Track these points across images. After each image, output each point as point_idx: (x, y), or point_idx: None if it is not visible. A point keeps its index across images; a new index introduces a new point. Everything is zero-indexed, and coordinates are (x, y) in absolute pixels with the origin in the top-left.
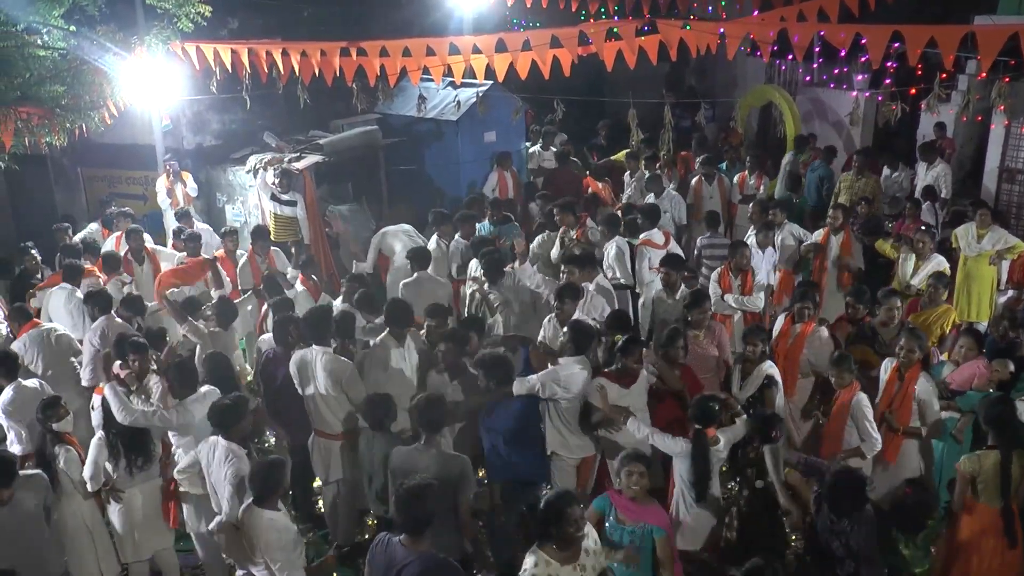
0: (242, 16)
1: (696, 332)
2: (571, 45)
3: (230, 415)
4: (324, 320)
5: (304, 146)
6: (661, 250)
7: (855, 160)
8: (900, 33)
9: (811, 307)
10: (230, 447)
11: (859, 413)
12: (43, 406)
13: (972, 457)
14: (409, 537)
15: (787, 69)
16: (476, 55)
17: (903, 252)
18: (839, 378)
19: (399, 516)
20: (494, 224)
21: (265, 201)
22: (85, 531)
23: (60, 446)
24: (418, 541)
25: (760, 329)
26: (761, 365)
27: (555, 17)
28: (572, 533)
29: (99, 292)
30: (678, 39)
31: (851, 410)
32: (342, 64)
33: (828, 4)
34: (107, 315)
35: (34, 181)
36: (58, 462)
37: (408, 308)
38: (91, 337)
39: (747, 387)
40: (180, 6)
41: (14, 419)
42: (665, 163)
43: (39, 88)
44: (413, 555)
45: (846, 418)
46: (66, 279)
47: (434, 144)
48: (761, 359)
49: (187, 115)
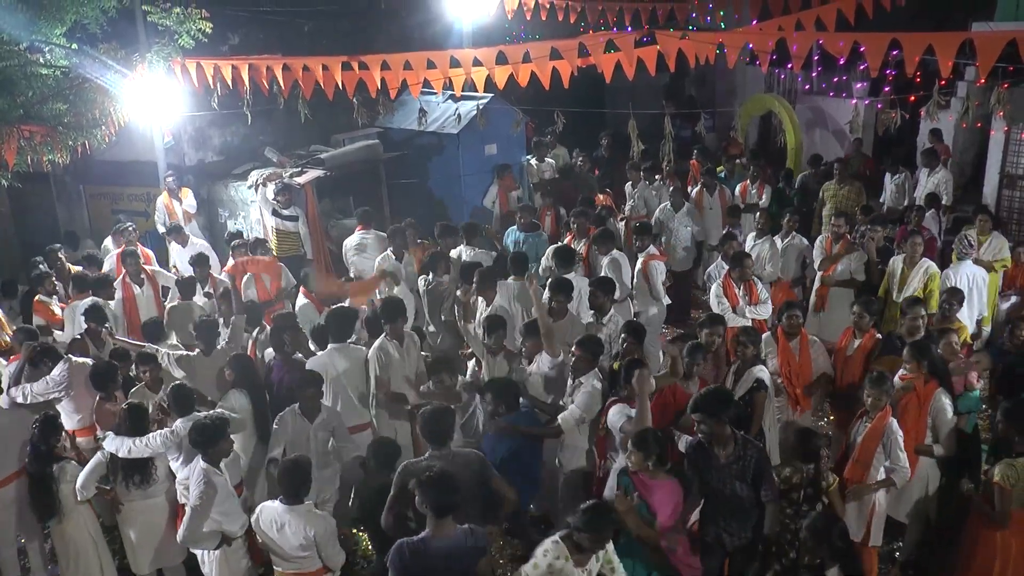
0: (243, 32)
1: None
2: (570, 57)
3: (208, 434)
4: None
5: (305, 161)
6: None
7: (836, 168)
8: (898, 41)
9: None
10: (204, 469)
11: (892, 440)
12: (50, 427)
13: (1008, 467)
14: (437, 523)
15: (786, 78)
16: (477, 67)
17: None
18: (876, 400)
19: (427, 500)
20: (523, 231)
21: (267, 216)
22: (91, 542)
23: (57, 464)
24: (443, 525)
25: (753, 331)
26: (752, 368)
27: (554, 29)
28: (594, 547)
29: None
30: (676, 49)
31: (883, 435)
32: (343, 78)
33: (826, 13)
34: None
35: (37, 199)
36: (60, 480)
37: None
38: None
39: (738, 389)
40: (181, 23)
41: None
42: (667, 174)
43: (42, 106)
44: (443, 538)
45: (879, 443)
46: (95, 292)
47: (435, 157)
48: (753, 362)
49: (189, 131)
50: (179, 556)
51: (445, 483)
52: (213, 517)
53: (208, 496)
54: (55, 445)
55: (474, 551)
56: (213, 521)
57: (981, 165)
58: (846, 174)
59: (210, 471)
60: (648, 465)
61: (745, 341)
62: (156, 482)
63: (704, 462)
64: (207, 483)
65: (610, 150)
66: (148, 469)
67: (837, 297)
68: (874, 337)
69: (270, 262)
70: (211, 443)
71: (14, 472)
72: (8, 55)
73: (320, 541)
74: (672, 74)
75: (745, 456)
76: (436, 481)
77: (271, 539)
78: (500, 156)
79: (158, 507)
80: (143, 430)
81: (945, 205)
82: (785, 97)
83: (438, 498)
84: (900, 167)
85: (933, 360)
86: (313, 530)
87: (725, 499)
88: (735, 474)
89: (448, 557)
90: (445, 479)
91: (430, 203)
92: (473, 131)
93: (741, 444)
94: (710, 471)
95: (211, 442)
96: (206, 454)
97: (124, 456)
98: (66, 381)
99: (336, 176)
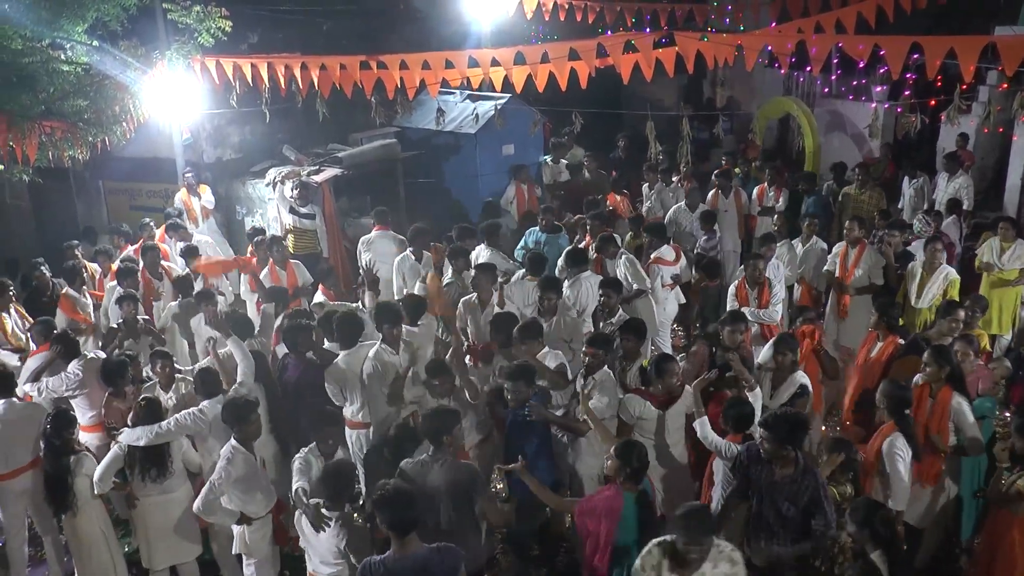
0: (262, 30)
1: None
2: (589, 57)
3: (240, 412)
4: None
5: (323, 159)
6: (672, 267)
7: (857, 173)
8: (919, 44)
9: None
10: (233, 447)
11: (893, 455)
12: (63, 421)
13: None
14: (399, 541)
15: (805, 81)
16: (495, 68)
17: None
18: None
19: (384, 518)
20: (544, 232)
21: (284, 214)
22: (102, 538)
23: (72, 456)
24: (408, 542)
25: (790, 337)
26: (794, 374)
27: (573, 30)
28: (687, 552)
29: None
30: (695, 51)
31: (884, 450)
32: (361, 77)
33: (846, 16)
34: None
35: (57, 194)
36: (76, 472)
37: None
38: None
39: (778, 396)
40: (201, 21)
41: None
42: (684, 175)
43: (63, 102)
44: (408, 557)
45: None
46: (119, 281)
47: (452, 157)
48: (792, 368)
49: (207, 128)
50: (193, 552)
51: (400, 500)
52: (235, 495)
53: (228, 473)
54: (69, 439)
55: (444, 571)
56: (236, 499)
57: (1002, 171)
58: (867, 179)
59: (238, 450)
60: (620, 478)
61: (783, 349)
62: (173, 475)
63: (758, 471)
64: (229, 460)
65: (627, 151)
66: (165, 462)
67: (857, 304)
68: (895, 343)
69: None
70: (243, 420)
71: (28, 463)
72: (30, 52)
73: (351, 550)
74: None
75: (801, 483)
76: (391, 498)
77: (307, 541)
78: (517, 156)
79: (174, 502)
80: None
81: (966, 211)
82: (803, 100)
83: (394, 516)
84: (919, 171)
85: (952, 365)
86: (344, 540)
87: (773, 514)
88: (786, 495)
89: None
90: (400, 495)
91: (447, 203)
92: (491, 131)
93: (800, 471)
94: (760, 481)
95: (243, 419)
96: (239, 432)
97: (148, 442)
98: (81, 377)
99: (353, 175)
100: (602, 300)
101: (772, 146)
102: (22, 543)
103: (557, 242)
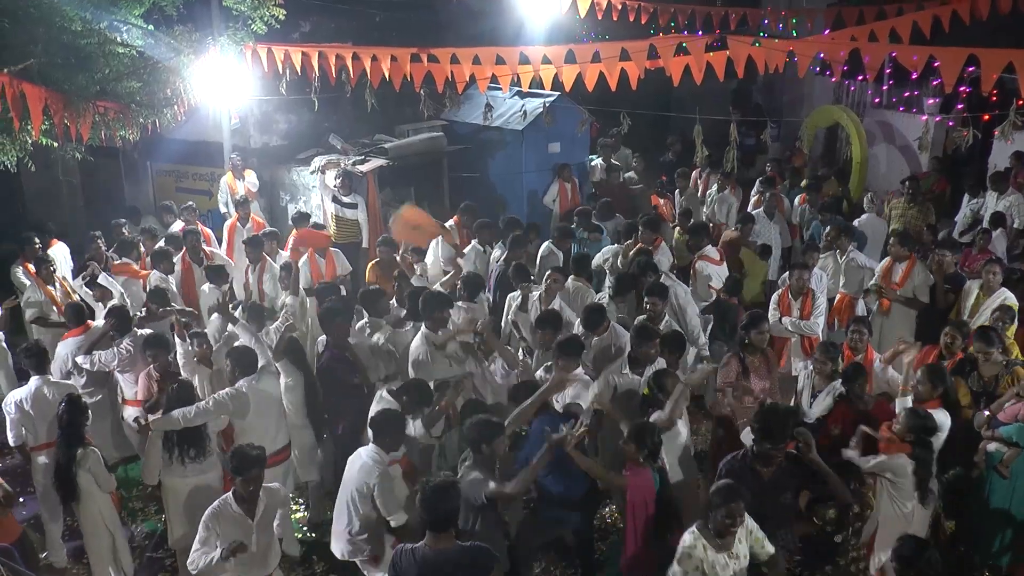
0: (314, 20)
1: (751, 357)
2: (639, 59)
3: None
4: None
5: (369, 149)
6: (719, 266)
7: (907, 186)
8: (975, 57)
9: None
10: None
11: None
12: (76, 408)
13: None
14: (433, 535)
15: (856, 90)
16: (545, 65)
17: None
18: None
19: (424, 513)
20: (586, 231)
21: (327, 202)
22: (105, 531)
23: (80, 449)
24: (442, 538)
25: (833, 346)
26: (835, 383)
27: (625, 30)
28: (727, 524)
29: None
30: (746, 56)
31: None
32: (411, 69)
33: (901, 25)
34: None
35: (106, 173)
36: (81, 465)
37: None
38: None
39: (817, 404)
40: (255, 9)
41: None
42: (729, 181)
43: (117, 84)
44: (440, 551)
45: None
46: (155, 264)
47: (498, 153)
48: (832, 376)
49: (255, 115)
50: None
51: (441, 496)
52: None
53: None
54: (82, 425)
55: (473, 570)
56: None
57: None
58: (917, 192)
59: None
60: (639, 458)
61: (823, 358)
62: (211, 454)
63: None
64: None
65: (678, 155)
66: (203, 442)
67: (899, 312)
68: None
69: (325, 237)
70: (242, 473)
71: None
72: (88, 34)
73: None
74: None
75: (792, 471)
76: (433, 493)
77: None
78: (563, 155)
79: (210, 484)
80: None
81: (1016, 229)
82: (853, 109)
83: (431, 510)
84: (981, 191)
85: (947, 386)
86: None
87: (774, 508)
88: (780, 487)
89: (439, 572)
90: (444, 491)
91: (491, 198)
92: (538, 128)
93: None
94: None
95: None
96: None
97: (187, 423)
98: (132, 354)
99: (399, 166)
100: (648, 307)
101: (820, 155)
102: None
103: (599, 242)
